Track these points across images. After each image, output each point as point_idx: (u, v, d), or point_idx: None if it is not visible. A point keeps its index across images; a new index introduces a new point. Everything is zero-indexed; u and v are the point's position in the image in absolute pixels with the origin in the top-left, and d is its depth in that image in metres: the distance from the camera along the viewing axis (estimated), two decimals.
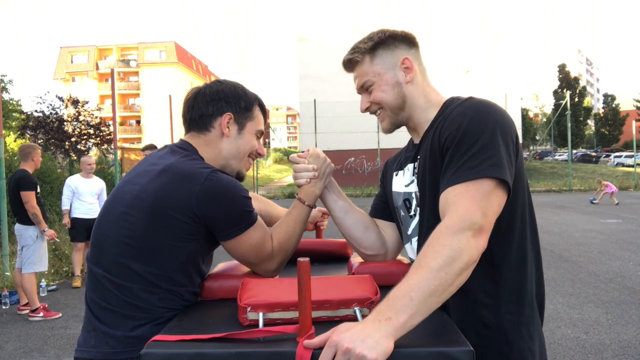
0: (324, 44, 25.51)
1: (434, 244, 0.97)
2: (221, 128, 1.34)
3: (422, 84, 1.29)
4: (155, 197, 1.19)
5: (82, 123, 18.04)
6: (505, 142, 1.08)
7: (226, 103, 1.35)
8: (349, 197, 1.48)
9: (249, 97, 1.39)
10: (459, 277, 0.94)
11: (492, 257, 1.05)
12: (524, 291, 1.16)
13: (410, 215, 1.31)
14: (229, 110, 1.35)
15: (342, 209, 1.43)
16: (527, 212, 1.19)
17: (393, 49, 1.27)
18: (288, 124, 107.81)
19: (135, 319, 1.19)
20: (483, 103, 1.15)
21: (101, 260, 1.24)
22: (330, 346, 0.83)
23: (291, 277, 1.12)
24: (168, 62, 50.03)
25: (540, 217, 12.25)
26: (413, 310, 0.88)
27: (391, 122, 1.31)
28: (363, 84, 1.30)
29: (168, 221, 1.18)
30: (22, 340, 4.40)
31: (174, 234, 1.19)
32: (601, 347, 3.80)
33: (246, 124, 1.37)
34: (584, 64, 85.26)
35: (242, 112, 1.37)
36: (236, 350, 0.89)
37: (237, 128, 1.36)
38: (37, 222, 5.06)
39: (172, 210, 1.17)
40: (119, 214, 1.23)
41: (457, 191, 1.04)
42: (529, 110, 52.61)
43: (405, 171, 1.32)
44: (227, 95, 1.36)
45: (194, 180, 1.19)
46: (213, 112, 1.34)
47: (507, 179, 1.04)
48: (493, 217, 1.03)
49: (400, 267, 1.35)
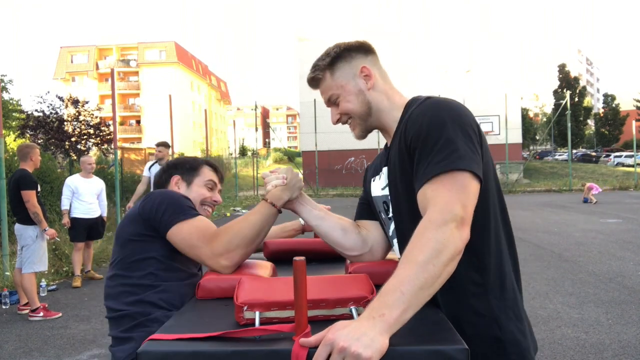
0: (324, 44, 24.94)
1: (419, 238, 0.99)
2: (171, 187, 1.67)
3: (384, 88, 1.35)
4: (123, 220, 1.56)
5: (82, 123, 18.04)
6: (467, 134, 1.13)
7: (175, 169, 1.71)
8: (348, 197, 1.52)
9: (196, 161, 1.75)
10: (446, 269, 0.97)
11: (473, 246, 1.09)
12: (505, 274, 1.20)
13: (389, 217, 1.35)
14: (176, 174, 1.69)
15: (317, 217, 1.47)
16: (496, 198, 1.23)
17: (350, 60, 1.33)
18: (288, 124, 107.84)
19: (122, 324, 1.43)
20: (440, 100, 1.21)
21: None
22: (326, 345, 0.83)
23: (287, 277, 1.13)
24: (168, 62, 50.03)
25: (540, 216, 12.26)
26: (405, 305, 0.90)
27: (361, 129, 1.37)
28: (329, 97, 1.37)
29: (126, 231, 1.47)
30: (22, 340, 4.41)
31: (133, 239, 1.45)
32: (601, 346, 3.80)
33: (193, 180, 1.68)
34: (584, 64, 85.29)
35: (188, 172, 1.69)
36: (232, 348, 0.89)
37: (186, 184, 1.67)
38: (38, 222, 5.06)
39: (128, 225, 1.48)
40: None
41: (433, 187, 1.08)
42: (529, 110, 52.62)
43: (381, 175, 1.37)
44: (175, 164, 1.73)
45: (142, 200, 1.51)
46: (166, 178, 1.70)
47: (474, 170, 1.08)
48: (471, 207, 1.07)
49: (395, 265, 1.35)
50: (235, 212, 15.41)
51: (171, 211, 1.41)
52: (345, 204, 16.47)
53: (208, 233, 1.37)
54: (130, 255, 1.44)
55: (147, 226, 1.43)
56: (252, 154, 36.51)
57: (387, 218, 1.37)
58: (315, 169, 23.52)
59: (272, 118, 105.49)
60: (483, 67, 26.41)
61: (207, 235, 1.37)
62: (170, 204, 1.43)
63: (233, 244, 1.35)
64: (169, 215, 1.40)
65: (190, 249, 1.38)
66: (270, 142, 67.65)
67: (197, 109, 54.17)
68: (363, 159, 26.65)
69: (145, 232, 1.43)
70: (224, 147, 56.55)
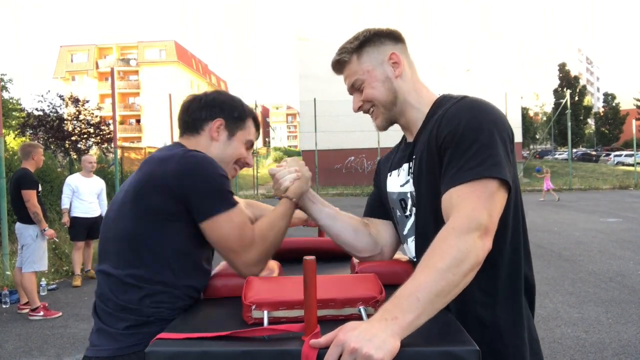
0: (324, 43, 25.38)
1: (441, 244, 0.97)
2: (211, 132, 1.40)
3: (412, 79, 1.30)
4: (137, 183, 1.25)
5: (82, 122, 18.04)
6: (503, 140, 1.10)
7: (220, 110, 1.41)
8: (348, 196, 1.49)
9: (244, 109, 1.46)
10: (465, 278, 0.95)
11: (489, 255, 1.06)
12: (518, 288, 1.17)
13: (406, 215, 1.31)
14: (221, 116, 1.41)
15: (329, 215, 1.41)
16: (519, 208, 1.20)
17: (379, 45, 1.28)
18: (288, 123, 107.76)
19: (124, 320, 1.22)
20: (478, 102, 1.17)
21: (104, 261, 1.29)
22: (337, 345, 0.83)
23: (295, 276, 1.12)
24: (168, 61, 49.97)
25: (540, 216, 12.26)
26: (420, 311, 0.88)
27: (385, 118, 1.31)
28: (353, 83, 1.31)
29: (149, 204, 1.21)
30: (22, 339, 4.40)
31: (157, 217, 1.21)
32: (601, 346, 3.80)
33: (236, 132, 1.43)
34: (584, 63, 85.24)
35: (234, 121, 1.42)
36: (242, 348, 0.89)
37: (227, 134, 1.42)
38: (37, 221, 5.05)
39: (151, 192, 1.21)
40: (114, 215, 1.29)
41: (461, 192, 1.04)
42: (529, 109, 52.60)
43: (400, 171, 1.32)
44: (222, 103, 1.43)
45: (169, 161, 1.23)
46: (205, 116, 1.41)
47: (508, 179, 1.05)
48: (497, 217, 1.04)
49: (404, 266, 1.34)
50: None
51: (212, 196, 1.21)
52: (345, 203, 16.48)
53: (246, 239, 1.25)
54: (146, 236, 1.21)
55: (178, 202, 1.20)
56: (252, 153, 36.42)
57: (403, 216, 1.32)
58: (315, 168, 23.50)
59: (272, 117, 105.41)
60: (483, 67, 26.40)
61: (245, 241, 1.24)
62: (212, 187, 1.22)
63: (268, 255, 1.31)
64: (210, 200, 1.21)
65: (225, 250, 1.26)
66: (270, 141, 67.64)
67: None
68: (363, 158, 26.63)
69: (172, 210, 1.20)
70: None
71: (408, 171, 1.28)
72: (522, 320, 1.16)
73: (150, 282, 1.21)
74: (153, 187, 1.21)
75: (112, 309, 1.22)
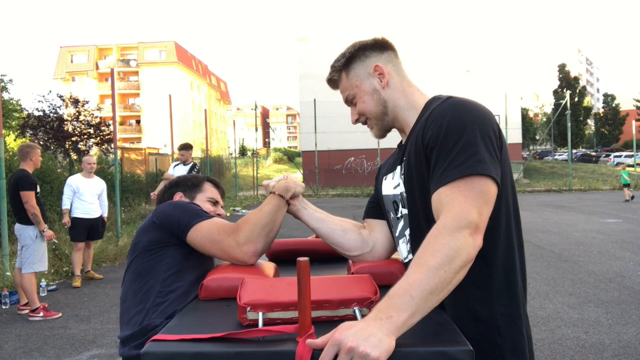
0: (324, 44, 25.50)
1: (432, 242, 0.98)
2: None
3: (401, 85, 1.33)
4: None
5: (82, 123, 18.05)
6: (486, 137, 1.11)
7: (176, 186, 1.77)
8: (348, 196, 1.51)
9: (197, 177, 1.79)
10: (457, 275, 0.96)
11: (482, 251, 1.07)
12: (513, 283, 1.18)
13: (398, 217, 1.33)
14: (178, 191, 1.75)
15: (318, 219, 1.47)
16: (511, 204, 1.21)
17: (364, 59, 1.33)
18: (288, 124, 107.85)
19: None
20: (461, 101, 1.18)
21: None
22: (333, 344, 0.83)
23: (290, 277, 1.12)
24: (168, 61, 50.01)
25: (540, 217, 12.26)
26: (414, 309, 0.89)
27: (379, 128, 1.37)
28: (347, 97, 1.37)
29: (143, 241, 1.47)
30: (22, 340, 4.40)
31: (150, 246, 1.46)
32: (601, 347, 3.80)
33: (196, 196, 1.73)
34: (584, 64, 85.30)
35: (190, 189, 1.75)
36: (236, 349, 0.89)
37: (188, 201, 1.67)
38: (36, 222, 5.05)
39: (142, 235, 1.49)
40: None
41: (449, 191, 1.06)
42: (529, 109, 52.65)
43: (394, 174, 1.35)
44: (178, 180, 1.78)
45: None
46: (168, 196, 1.76)
47: (493, 175, 1.07)
48: (487, 214, 1.05)
49: (399, 266, 1.35)
50: (235, 212, 15.40)
51: (187, 214, 1.44)
52: (345, 204, 16.48)
53: (228, 227, 1.40)
54: (145, 262, 1.45)
55: (164, 232, 1.45)
56: (252, 154, 36.49)
57: (395, 218, 1.35)
58: (315, 168, 23.51)
59: (272, 118, 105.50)
60: (483, 67, 26.42)
61: (227, 229, 1.39)
62: (185, 209, 1.47)
63: (255, 233, 1.37)
64: (187, 217, 1.43)
65: (212, 244, 1.39)
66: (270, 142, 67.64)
67: (197, 109, 54.16)
68: (363, 159, 26.66)
69: (161, 239, 1.45)
70: (223, 147, 56.51)
71: (400, 173, 1.30)
72: (520, 314, 1.17)
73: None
74: (144, 228, 1.52)
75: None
